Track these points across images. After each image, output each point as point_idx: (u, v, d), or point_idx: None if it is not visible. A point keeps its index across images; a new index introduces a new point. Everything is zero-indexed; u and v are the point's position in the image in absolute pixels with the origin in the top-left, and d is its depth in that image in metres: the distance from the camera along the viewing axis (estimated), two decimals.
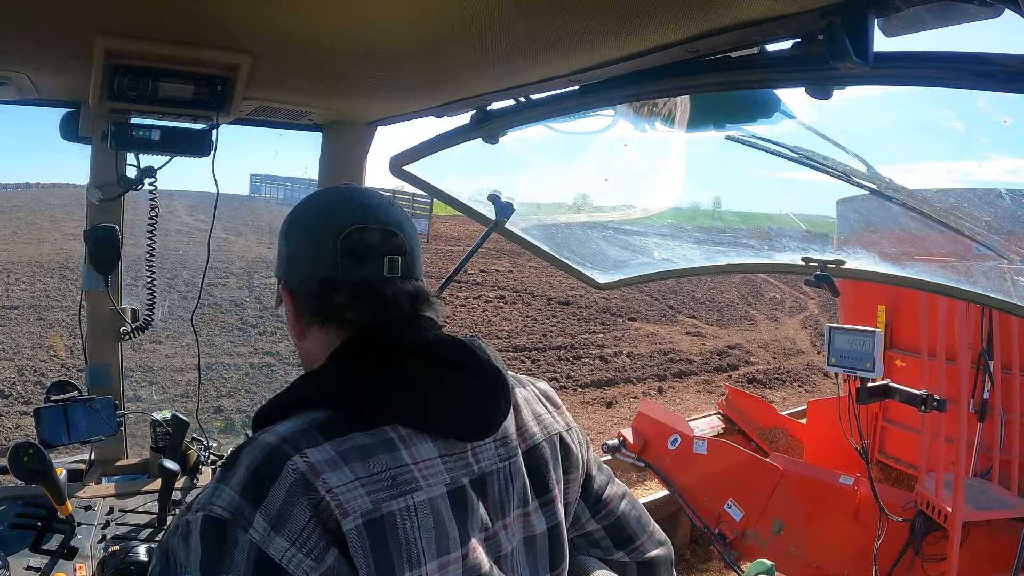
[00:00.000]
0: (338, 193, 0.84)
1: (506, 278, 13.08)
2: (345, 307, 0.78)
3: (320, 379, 0.75)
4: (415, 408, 0.72)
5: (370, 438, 0.70)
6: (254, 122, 1.66)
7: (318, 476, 0.65)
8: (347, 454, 0.68)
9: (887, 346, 3.48)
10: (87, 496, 1.54)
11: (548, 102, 1.20)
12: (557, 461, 0.86)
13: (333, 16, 0.92)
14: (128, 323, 1.73)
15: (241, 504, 0.63)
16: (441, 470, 0.73)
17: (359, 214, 0.79)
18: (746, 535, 3.43)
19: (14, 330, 7.38)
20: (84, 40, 1.05)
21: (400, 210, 0.84)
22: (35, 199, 24.22)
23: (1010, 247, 1.47)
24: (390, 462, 0.69)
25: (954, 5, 0.63)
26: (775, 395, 8.02)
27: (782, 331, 11.51)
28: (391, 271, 0.78)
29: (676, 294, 13.30)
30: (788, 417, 4.73)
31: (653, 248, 2.12)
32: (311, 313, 0.80)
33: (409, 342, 0.76)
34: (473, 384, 0.76)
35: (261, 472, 0.65)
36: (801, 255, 1.71)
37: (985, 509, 2.77)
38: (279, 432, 0.69)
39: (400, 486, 0.69)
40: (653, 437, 4.01)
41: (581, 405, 7.07)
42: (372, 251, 0.78)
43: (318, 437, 0.68)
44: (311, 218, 0.83)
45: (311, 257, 0.80)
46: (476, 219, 1.93)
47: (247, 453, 0.68)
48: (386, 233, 0.79)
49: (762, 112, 1.11)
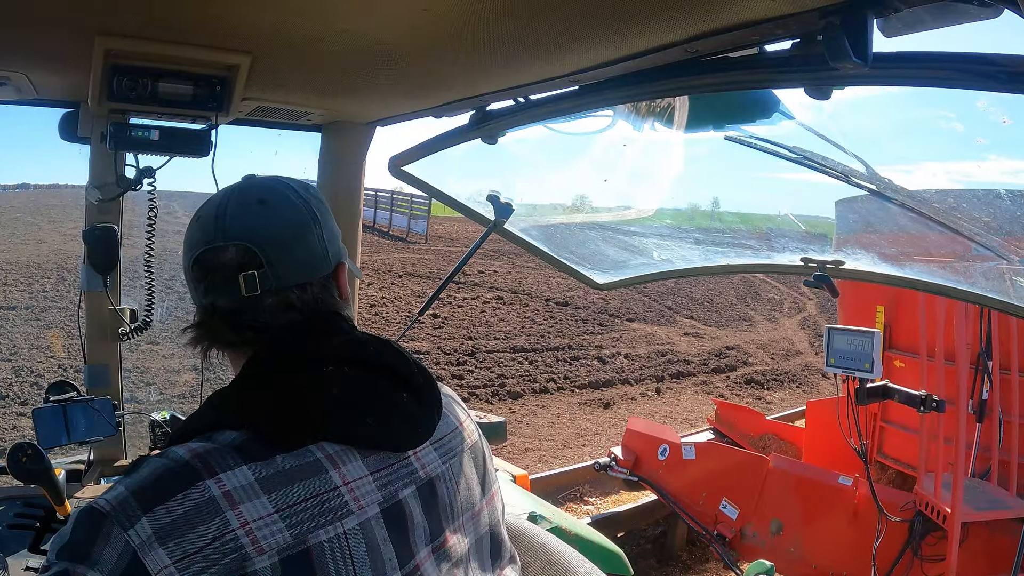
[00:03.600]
0: (207, 202, 0.77)
1: (504, 279, 13.04)
2: (217, 332, 0.74)
3: (232, 397, 0.69)
4: (345, 423, 0.67)
5: (294, 460, 0.64)
6: (253, 122, 1.65)
7: (233, 505, 0.59)
8: (268, 481, 0.61)
9: (886, 346, 3.48)
10: (86, 496, 1.53)
11: (547, 102, 1.20)
12: (490, 455, 0.86)
13: (332, 17, 0.92)
14: (127, 323, 1.73)
15: (128, 502, 0.58)
16: (373, 488, 0.67)
17: (209, 231, 0.73)
18: (745, 535, 3.44)
19: (11, 331, 7.34)
20: (83, 40, 1.05)
21: (277, 204, 0.75)
22: (32, 200, 24.14)
23: (1009, 247, 1.47)
24: (317, 487, 0.63)
25: (953, 5, 0.63)
26: (773, 396, 7.97)
27: (780, 332, 11.49)
28: (248, 289, 0.71)
29: (674, 295, 13.29)
30: (778, 422, 4.76)
31: (652, 249, 2.12)
32: (194, 335, 0.76)
33: (325, 350, 0.70)
34: (402, 389, 0.72)
35: (164, 482, 0.60)
36: (800, 256, 1.71)
37: (984, 510, 2.77)
38: (192, 447, 0.63)
39: (328, 513, 0.63)
40: (643, 451, 4.05)
41: (579, 406, 7.01)
42: (222, 272, 0.72)
43: (237, 459, 0.62)
44: (185, 237, 0.77)
45: (187, 280, 0.77)
46: (475, 219, 1.93)
47: (153, 461, 0.62)
48: (238, 249, 0.72)
49: (761, 112, 1.11)
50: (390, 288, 11.35)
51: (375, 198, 19.81)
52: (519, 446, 5.78)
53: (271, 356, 0.71)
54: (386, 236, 18.19)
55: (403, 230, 18.57)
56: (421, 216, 18.19)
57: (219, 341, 0.75)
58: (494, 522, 0.82)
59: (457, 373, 7.41)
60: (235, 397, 0.69)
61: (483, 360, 7.97)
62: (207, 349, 0.76)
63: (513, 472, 2.53)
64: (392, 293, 10.96)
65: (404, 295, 10.94)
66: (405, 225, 18.60)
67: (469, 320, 9.85)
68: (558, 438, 6.03)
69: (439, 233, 18.48)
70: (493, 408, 6.63)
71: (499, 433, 2.23)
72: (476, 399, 6.78)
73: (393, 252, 15.48)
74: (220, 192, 0.78)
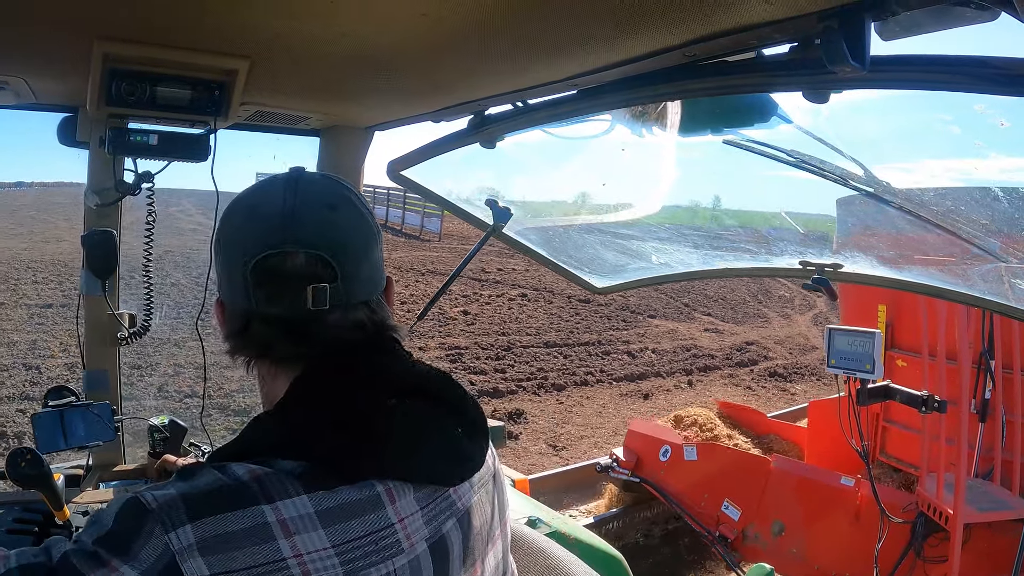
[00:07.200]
0: (263, 196, 0.70)
1: (523, 276, 13.25)
2: (272, 344, 0.68)
3: (287, 424, 0.64)
4: (409, 458, 0.64)
5: (357, 493, 0.61)
6: (252, 127, 1.65)
7: (289, 535, 0.57)
8: (327, 514, 0.59)
9: (888, 346, 3.48)
10: (85, 501, 1.53)
11: (546, 107, 1.20)
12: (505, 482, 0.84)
13: (331, 21, 0.91)
14: (125, 328, 1.73)
15: (176, 504, 0.56)
16: (421, 525, 0.65)
17: (276, 233, 0.65)
18: (747, 536, 3.44)
19: (54, 328, 7.46)
20: (82, 45, 1.05)
21: (347, 211, 0.69)
22: (39, 198, 24.20)
23: (1008, 249, 1.47)
24: (374, 523, 0.61)
25: (951, 8, 0.62)
26: (796, 388, 8.38)
27: (794, 328, 11.80)
28: (316, 303, 0.65)
29: (690, 292, 13.55)
30: (780, 422, 4.76)
31: (651, 252, 2.12)
32: (240, 344, 0.70)
33: (387, 376, 0.67)
34: (458, 422, 0.70)
35: (218, 496, 0.57)
36: (798, 259, 1.70)
37: (987, 510, 2.76)
38: (252, 468, 0.59)
39: (382, 551, 0.61)
40: (645, 452, 4.05)
41: (620, 397, 7.41)
42: (290, 281, 0.65)
43: (297, 487, 0.59)
44: (228, 231, 0.70)
45: (227, 282, 0.69)
46: (474, 224, 1.92)
47: (211, 473, 0.59)
48: (310, 258, 0.65)
49: (759, 116, 1.11)
50: (415, 286, 11.66)
51: (387, 196, 19.91)
52: (575, 434, 6.20)
53: (330, 377, 0.66)
54: (399, 234, 18.41)
55: (416, 228, 18.73)
56: (435, 214, 18.20)
57: (271, 354, 0.69)
58: (506, 547, 0.82)
59: (499, 367, 7.82)
60: (294, 421, 0.64)
61: (520, 355, 8.38)
62: (252, 361, 0.70)
63: (512, 476, 2.53)
64: (419, 291, 11.23)
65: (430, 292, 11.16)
66: (418, 223, 18.75)
67: (499, 317, 10.20)
68: (608, 426, 6.42)
69: (451, 231, 18.55)
70: (540, 400, 7.05)
71: (499, 438, 2.22)
72: (524, 391, 7.22)
73: (410, 250, 15.76)
74: (273, 185, 0.70)
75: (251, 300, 0.66)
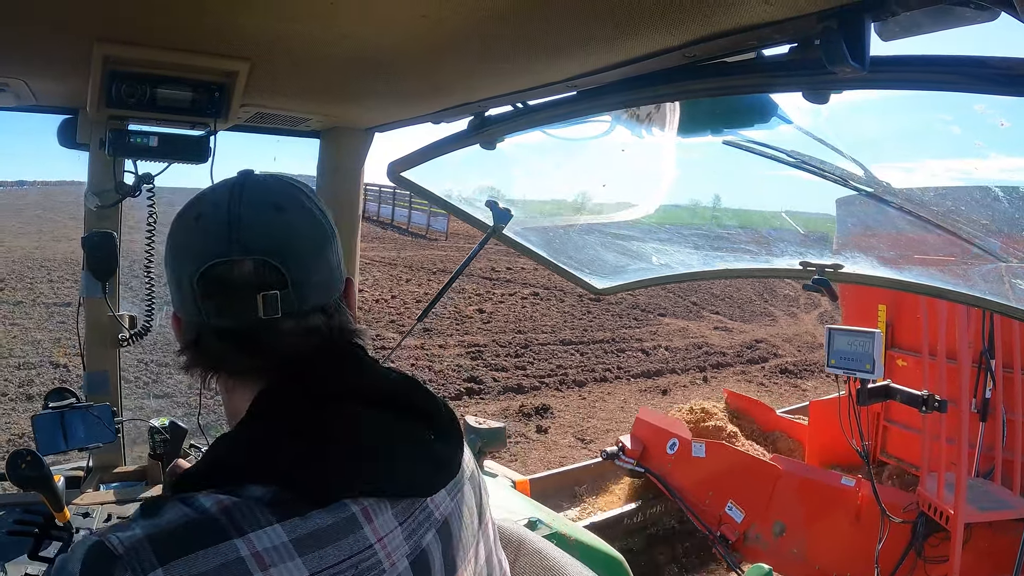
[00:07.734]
0: (208, 203, 0.66)
1: (533, 275, 13.32)
2: (224, 357, 0.65)
3: (252, 442, 0.61)
4: (381, 473, 0.62)
5: (330, 516, 0.58)
6: (252, 128, 1.65)
7: (265, 567, 0.53)
8: (302, 542, 0.56)
9: (888, 345, 3.47)
10: (85, 503, 1.53)
11: (545, 108, 1.20)
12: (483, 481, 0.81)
13: (331, 23, 0.92)
14: (126, 329, 1.73)
15: (143, 548, 0.52)
16: (401, 541, 0.63)
17: (222, 241, 0.62)
18: (748, 537, 3.43)
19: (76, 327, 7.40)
20: (82, 47, 1.05)
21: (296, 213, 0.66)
22: (45, 197, 24.13)
23: (1008, 249, 1.47)
24: (353, 547, 0.58)
25: (951, 9, 0.63)
26: (807, 384, 8.53)
27: (801, 326, 11.96)
28: (267, 312, 0.62)
29: (697, 291, 13.68)
30: (787, 418, 4.75)
31: (651, 253, 2.12)
32: (193, 358, 0.67)
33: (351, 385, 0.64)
34: (429, 428, 0.68)
35: (186, 534, 0.53)
36: (799, 260, 1.70)
37: (988, 510, 2.76)
38: (220, 499, 0.55)
39: (363, 574, 0.59)
40: (652, 443, 4.02)
41: (639, 393, 7.57)
42: (239, 290, 0.62)
43: (268, 516, 0.56)
44: (174, 242, 0.66)
45: (177, 294, 0.66)
46: (474, 225, 1.92)
47: (176, 508, 0.55)
48: (258, 265, 0.62)
49: (759, 117, 1.11)
50: (428, 285, 11.79)
51: (393, 195, 19.90)
52: (600, 427, 6.39)
53: (290, 390, 0.63)
54: (406, 233, 18.45)
55: (422, 227, 18.74)
56: (441, 214, 18.22)
57: (225, 367, 0.67)
58: (490, 548, 0.79)
59: (519, 364, 7.97)
60: (253, 436, 0.62)
61: (539, 352, 8.54)
62: (207, 375, 0.67)
63: (512, 477, 2.53)
64: (432, 289, 11.35)
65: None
66: (424, 222, 18.76)
67: (514, 315, 10.37)
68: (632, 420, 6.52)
69: (458, 230, 18.57)
70: (563, 395, 7.20)
71: (499, 439, 2.22)
72: (546, 387, 7.41)
73: (419, 249, 15.88)
74: (218, 190, 0.67)
75: (200, 312, 0.64)
